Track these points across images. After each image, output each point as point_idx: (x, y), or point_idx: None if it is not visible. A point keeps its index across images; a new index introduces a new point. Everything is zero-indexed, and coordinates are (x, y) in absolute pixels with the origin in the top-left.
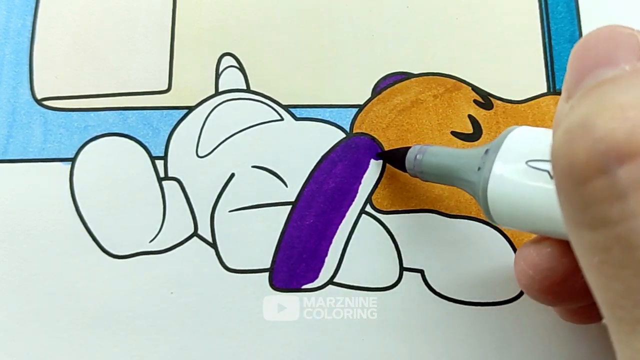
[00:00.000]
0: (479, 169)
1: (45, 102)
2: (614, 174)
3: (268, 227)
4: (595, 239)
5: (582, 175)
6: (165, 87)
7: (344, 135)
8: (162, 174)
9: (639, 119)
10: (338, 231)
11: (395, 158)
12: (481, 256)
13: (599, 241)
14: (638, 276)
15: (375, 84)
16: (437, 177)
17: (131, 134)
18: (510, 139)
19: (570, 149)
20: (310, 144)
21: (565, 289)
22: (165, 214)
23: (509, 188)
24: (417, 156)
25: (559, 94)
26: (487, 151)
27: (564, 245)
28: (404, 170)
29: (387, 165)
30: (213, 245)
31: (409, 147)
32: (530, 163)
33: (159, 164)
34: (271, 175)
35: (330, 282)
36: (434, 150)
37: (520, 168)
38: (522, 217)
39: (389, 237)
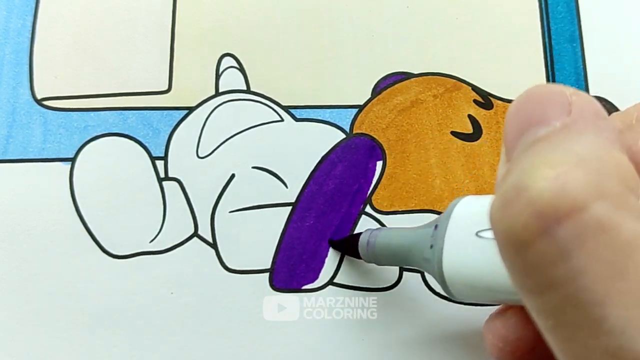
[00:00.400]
0: (431, 246)
1: (45, 102)
2: (552, 235)
3: (268, 228)
4: (546, 303)
5: (521, 240)
6: (165, 88)
7: (344, 136)
8: (162, 174)
9: (569, 175)
10: (338, 231)
11: (347, 246)
12: None
13: (550, 304)
14: (593, 336)
15: (375, 84)
16: (393, 260)
17: (131, 134)
18: (458, 212)
19: (506, 214)
20: (310, 145)
21: (538, 355)
22: (165, 214)
23: (463, 262)
24: (370, 241)
25: None
26: (436, 227)
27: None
28: (359, 257)
29: (387, 165)
30: (213, 245)
31: (360, 234)
32: (480, 233)
33: (159, 164)
34: (271, 176)
35: (330, 282)
36: (386, 233)
37: (470, 240)
38: (481, 290)
39: None
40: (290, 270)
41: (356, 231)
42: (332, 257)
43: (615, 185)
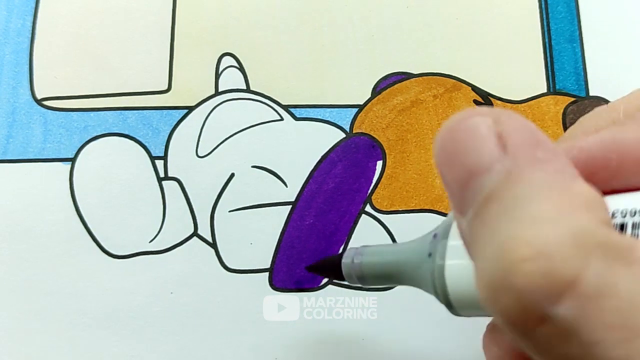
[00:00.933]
0: (429, 255)
1: (45, 102)
2: (554, 317)
3: (268, 227)
4: None
5: (526, 328)
6: (165, 87)
7: (343, 135)
8: (162, 174)
9: (548, 249)
10: (338, 231)
11: (328, 268)
12: None
13: None
14: None
15: (375, 84)
16: (381, 279)
17: (131, 134)
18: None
19: (500, 307)
20: (310, 144)
21: None
22: (165, 214)
23: (469, 270)
24: (355, 260)
25: (559, 94)
26: (435, 235)
27: None
28: (341, 279)
29: (387, 165)
30: (213, 245)
31: (341, 254)
32: None
33: (159, 164)
34: (271, 176)
35: (330, 282)
36: (373, 249)
37: None
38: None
39: (389, 237)
40: (290, 270)
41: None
42: None
43: (595, 235)
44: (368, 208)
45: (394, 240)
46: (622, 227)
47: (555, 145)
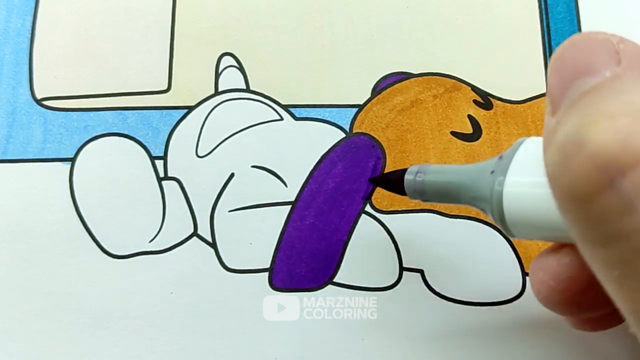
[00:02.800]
0: (492, 172)
1: (45, 102)
2: (617, 187)
3: (268, 227)
4: (611, 254)
5: (584, 193)
6: (165, 87)
7: (343, 135)
8: (161, 174)
9: (630, 127)
10: (338, 231)
11: (390, 181)
12: (481, 256)
13: (616, 256)
14: None
15: (375, 84)
16: (441, 196)
17: (131, 134)
18: (525, 147)
19: (567, 168)
20: (310, 144)
21: (588, 298)
22: (165, 214)
23: (528, 192)
24: (418, 176)
25: None
26: (501, 157)
27: None
28: (402, 193)
29: (387, 165)
30: (213, 245)
31: (405, 169)
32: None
33: (159, 164)
34: (271, 175)
35: (330, 282)
36: (436, 168)
37: (538, 173)
38: (543, 224)
39: (389, 237)
40: (290, 270)
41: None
42: (332, 257)
43: None
44: (368, 208)
45: (394, 240)
46: None
47: None
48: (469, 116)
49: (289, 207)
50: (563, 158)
